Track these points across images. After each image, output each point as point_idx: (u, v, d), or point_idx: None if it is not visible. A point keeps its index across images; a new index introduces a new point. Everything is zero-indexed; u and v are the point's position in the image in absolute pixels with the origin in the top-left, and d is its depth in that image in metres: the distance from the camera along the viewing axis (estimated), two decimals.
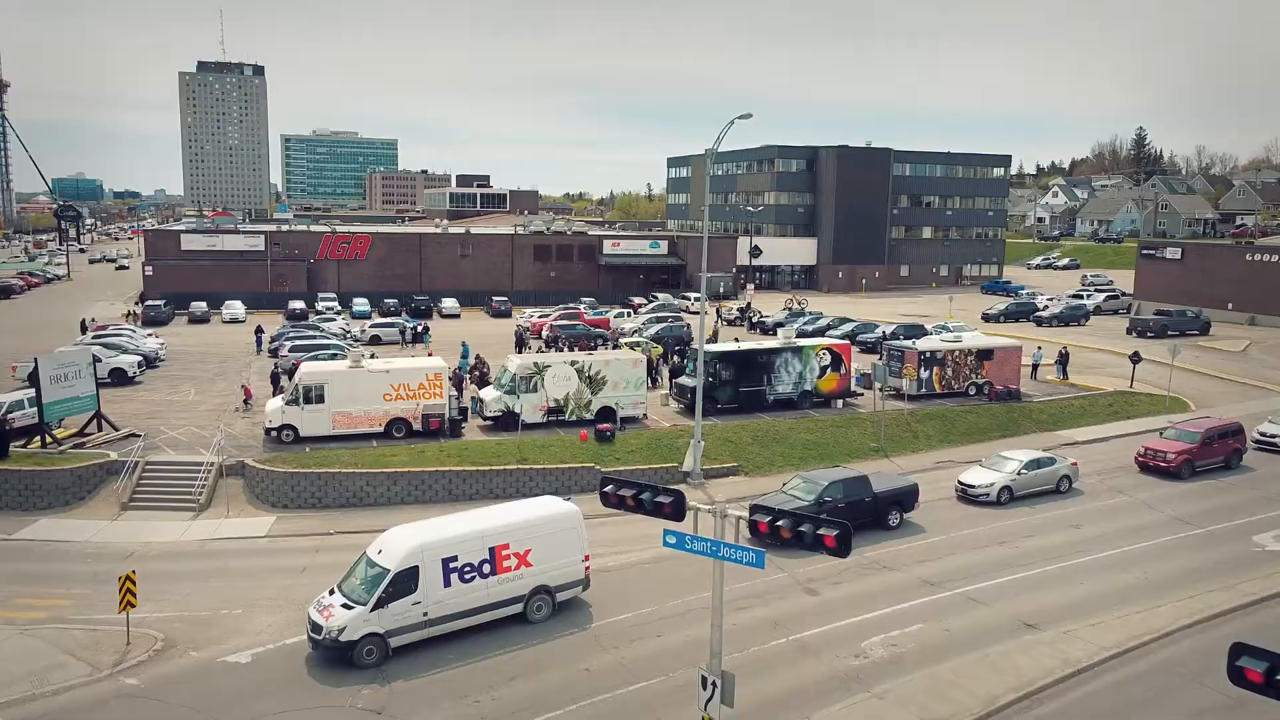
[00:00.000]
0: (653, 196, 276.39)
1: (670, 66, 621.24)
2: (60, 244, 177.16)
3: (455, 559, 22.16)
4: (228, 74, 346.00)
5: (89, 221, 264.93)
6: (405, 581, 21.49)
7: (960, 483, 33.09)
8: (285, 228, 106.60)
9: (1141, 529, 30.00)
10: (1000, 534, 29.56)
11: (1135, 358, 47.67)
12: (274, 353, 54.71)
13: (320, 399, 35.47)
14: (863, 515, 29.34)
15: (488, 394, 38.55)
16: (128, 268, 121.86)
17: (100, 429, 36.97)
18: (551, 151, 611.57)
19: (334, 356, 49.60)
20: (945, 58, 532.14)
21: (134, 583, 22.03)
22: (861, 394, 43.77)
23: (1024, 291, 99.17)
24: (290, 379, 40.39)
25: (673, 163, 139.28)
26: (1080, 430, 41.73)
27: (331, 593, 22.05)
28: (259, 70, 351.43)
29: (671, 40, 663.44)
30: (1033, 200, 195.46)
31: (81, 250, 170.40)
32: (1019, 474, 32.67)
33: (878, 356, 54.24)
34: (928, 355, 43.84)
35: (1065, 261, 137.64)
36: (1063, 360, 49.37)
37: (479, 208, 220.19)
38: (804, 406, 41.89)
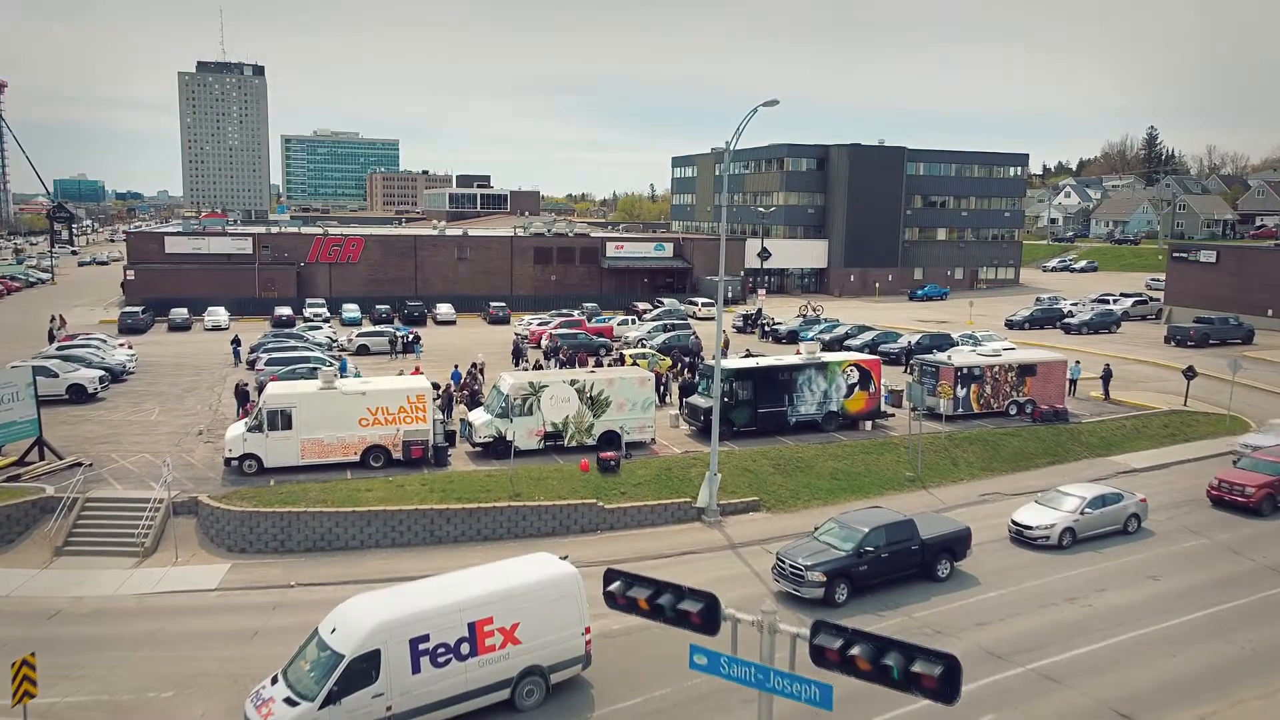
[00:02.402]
0: (656, 197, 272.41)
1: (672, 67, 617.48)
2: (51, 246, 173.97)
3: (426, 638, 18.11)
4: (227, 74, 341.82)
5: (86, 223, 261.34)
6: (363, 668, 17.44)
7: (1014, 523, 28.98)
8: (275, 229, 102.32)
9: (1231, 581, 25.87)
10: (1068, 587, 25.45)
11: (1190, 373, 43.49)
12: (251, 365, 50.75)
13: (287, 425, 31.38)
14: (908, 566, 25.30)
15: (477, 417, 34.49)
16: (52, 276, 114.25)
17: (42, 457, 32.95)
18: (553, 152, 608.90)
19: (314, 371, 45.63)
20: (943, 58, 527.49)
21: (32, 668, 17.96)
22: (892, 414, 39.66)
23: (944, 294, 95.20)
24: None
25: (677, 162, 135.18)
26: (1136, 455, 37.60)
27: (274, 680, 18.00)
28: (259, 70, 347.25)
29: (673, 40, 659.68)
30: (1044, 201, 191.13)
31: (73, 252, 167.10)
32: (1082, 513, 28.55)
33: (902, 369, 50.29)
34: (965, 371, 39.71)
35: (1083, 264, 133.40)
36: (1106, 377, 45.09)
37: (479, 209, 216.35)
38: (829, 429, 37.82)
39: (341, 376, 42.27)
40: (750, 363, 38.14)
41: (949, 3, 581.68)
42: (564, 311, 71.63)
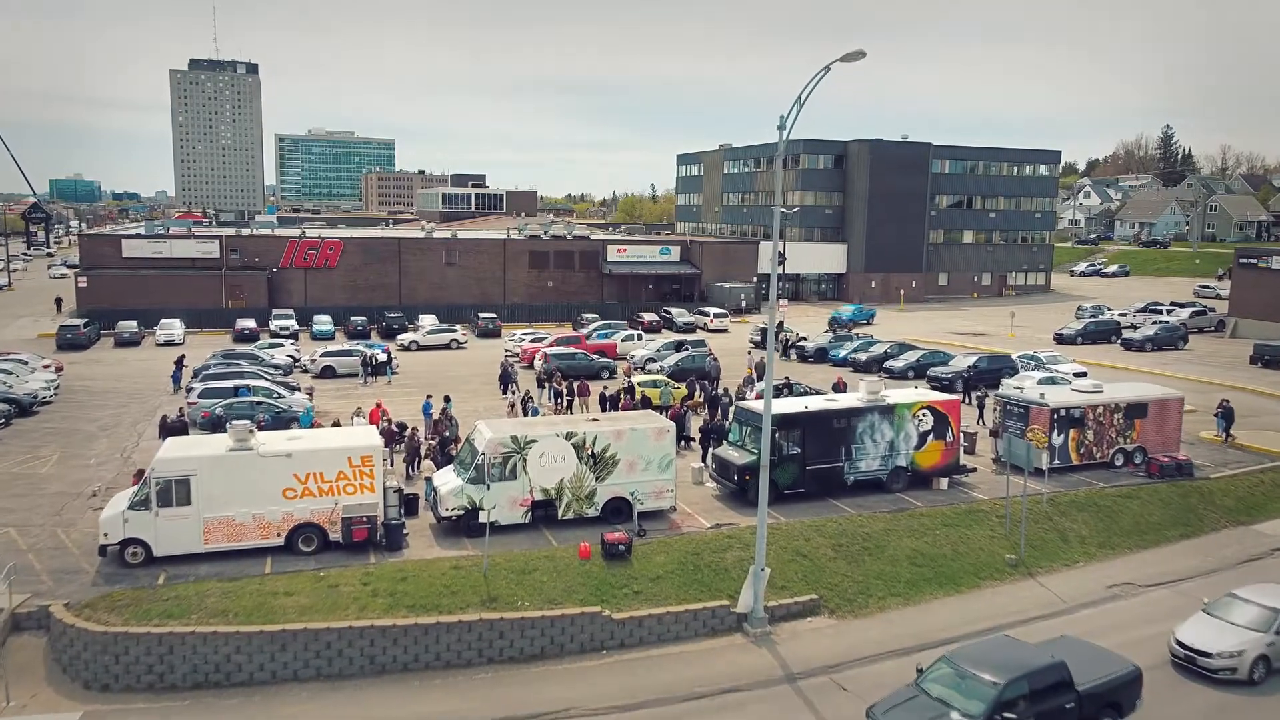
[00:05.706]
0: (657, 197, 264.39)
1: (673, 67, 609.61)
2: (28, 247, 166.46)
3: None
4: (220, 72, 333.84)
5: (73, 224, 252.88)
6: None
7: (1180, 644, 20.90)
8: (247, 231, 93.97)
9: None
10: None
11: None
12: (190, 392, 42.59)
13: (185, 499, 23.31)
14: None
15: (444, 481, 26.36)
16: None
17: None
18: (553, 152, 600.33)
19: (257, 404, 37.71)
20: (942, 59, 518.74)
21: None
22: (973, 469, 31.55)
23: (869, 317, 76.55)
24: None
25: (683, 160, 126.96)
26: None
27: None
28: (252, 68, 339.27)
29: (674, 40, 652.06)
30: (1064, 201, 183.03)
31: (49, 255, 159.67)
32: (1279, 633, 20.53)
33: (962, 400, 42.15)
34: (1062, 414, 31.64)
35: (1114, 268, 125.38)
36: (1227, 416, 36.90)
37: (474, 209, 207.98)
38: (896, 489, 29.69)
39: (303, 426, 34.38)
40: (797, 406, 29.91)
41: (947, 3, 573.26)
42: (532, 332, 63.26)
